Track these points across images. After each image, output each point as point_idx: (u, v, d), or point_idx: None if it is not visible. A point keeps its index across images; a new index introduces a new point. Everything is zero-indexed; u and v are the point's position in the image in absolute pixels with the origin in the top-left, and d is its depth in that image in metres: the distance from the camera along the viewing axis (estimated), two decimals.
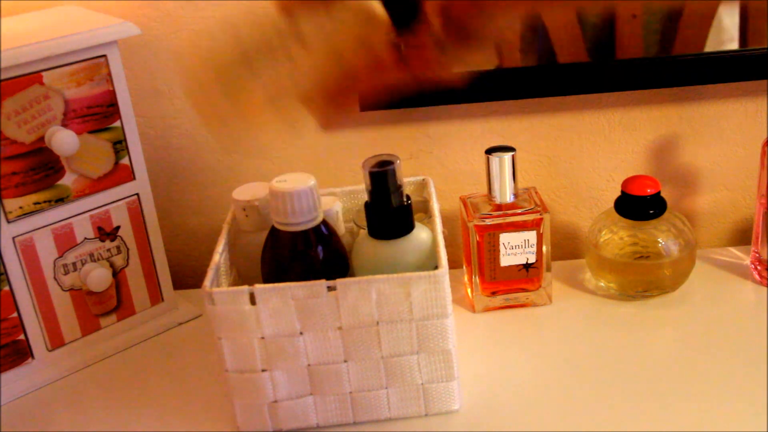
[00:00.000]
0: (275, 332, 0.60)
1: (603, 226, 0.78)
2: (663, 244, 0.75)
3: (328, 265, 0.62)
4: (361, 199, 0.74)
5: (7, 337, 0.70)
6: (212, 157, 0.86)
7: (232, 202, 0.69)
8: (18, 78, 0.65)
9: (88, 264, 0.73)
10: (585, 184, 0.87)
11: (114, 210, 0.74)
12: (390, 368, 0.62)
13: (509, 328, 0.75)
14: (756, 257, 0.79)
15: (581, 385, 0.67)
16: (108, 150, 0.72)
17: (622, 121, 0.84)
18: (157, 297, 0.79)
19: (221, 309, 0.60)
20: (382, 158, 0.62)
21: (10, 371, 0.71)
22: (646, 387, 0.66)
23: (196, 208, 0.88)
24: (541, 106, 0.83)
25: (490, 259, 0.75)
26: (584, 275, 0.82)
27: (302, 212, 0.60)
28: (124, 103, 0.72)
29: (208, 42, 0.78)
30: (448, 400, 0.64)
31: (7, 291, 0.69)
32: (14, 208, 0.68)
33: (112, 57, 0.70)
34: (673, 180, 0.86)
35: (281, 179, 0.61)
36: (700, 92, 0.82)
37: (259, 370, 0.62)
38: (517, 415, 0.64)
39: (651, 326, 0.74)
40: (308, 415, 0.64)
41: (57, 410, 0.70)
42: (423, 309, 0.60)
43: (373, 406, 0.64)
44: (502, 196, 0.75)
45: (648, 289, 0.77)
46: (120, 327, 0.77)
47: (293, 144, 0.85)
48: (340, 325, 0.60)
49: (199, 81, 0.51)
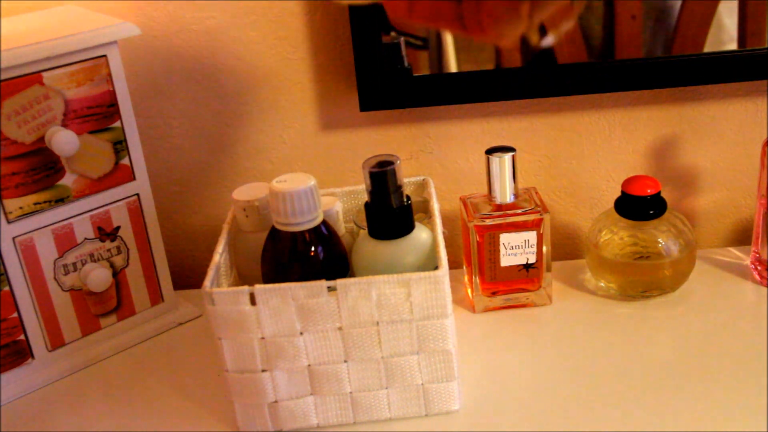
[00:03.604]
0: (275, 332, 0.60)
1: (603, 226, 0.78)
2: (663, 245, 0.75)
3: (328, 265, 0.62)
4: (361, 199, 0.74)
5: (7, 337, 0.70)
6: (212, 157, 0.86)
7: (232, 202, 0.69)
8: (18, 78, 0.65)
9: (88, 264, 0.73)
10: (585, 184, 0.87)
11: (114, 210, 0.74)
12: (390, 368, 0.62)
13: (509, 329, 0.75)
14: (756, 257, 0.79)
15: (581, 385, 0.67)
16: (108, 150, 0.72)
17: (622, 121, 0.84)
18: (157, 297, 0.79)
19: (221, 309, 0.60)
20: (382, 158, 0.62)
21: (10, 371, 0.71)
22: (646, 387, 0.66)
23: (196, 208, 0.88)
24: (541, 106, 0.83)
25: (490, 259, 0.75)
26: (584, 275, 0.82)
27: (302, 212, 0.60)
28: (124, 103, 0.72)
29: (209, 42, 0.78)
30: (448, 400, 0.64)
31: (7, 291, 0.69)
32: (14, 209, 0.68)
33: (112, 57, 0.70)
34: (673, 180, 0.86)
35: (281, 179, 0.61)
36: (700, 92, 0.82)
37: (259, 370, 0.62)
38: (517, 415, 0.64)
39: (651, 326, 0.74)
40: (308, 415, 0.64)
41: (57, 410, 0.70)
42: (423, 309, 0.60)
43: (373, 406, 0.64)
44: (502, 196, 0.75)
45: (648, 290, 0.77)
46: (120, 327, 0.77)
47: (293, 144, 0.85)
48: (340, 325, 0.60)
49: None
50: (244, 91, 0.82)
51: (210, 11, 0.79)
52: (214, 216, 0.88)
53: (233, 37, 0.80)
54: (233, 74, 0.82)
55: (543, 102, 0.83)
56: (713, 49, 0.78)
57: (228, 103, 0.83)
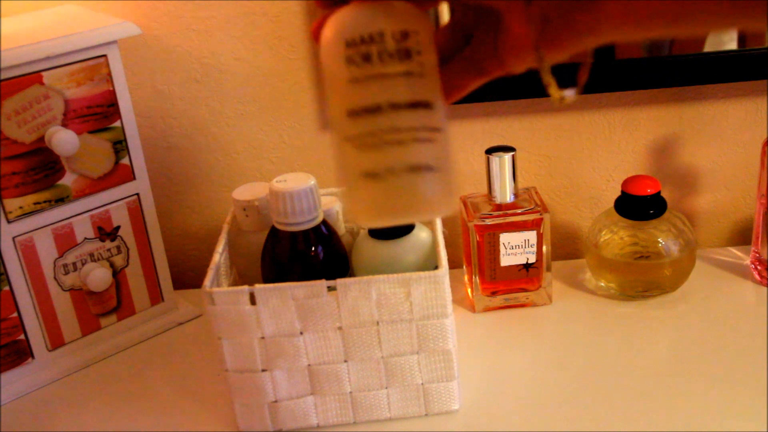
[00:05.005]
0: (275, 332, 0.60)
1: (603, 226, 0.78)
2: (663, 244, 0.75)
3: (328, 265, 0.62)
4: None
5: (7, 337, 0.70)
6: (212, 157, 0.86)
7: (232, 202, 0.69)
8: (18, 78, 0.65)
9: (88, 264, 0.73)
10: (585, 184, 0.87)
11: (114, 210, 0.74)
12: (390, 368, 0.62)
13: (509, 328, 0.75)
14: (756, 257, 0.79)
15: (581, 385, 0.67)
16: (108, 150, 0.72)
17: (622, 121, 0.84)
18: (157, 297, 0.79)
19: (221, 309, 0.60)
20: None
21: (10, 371, 0.71)
22: (646, 387, 0.66)
23: (196, 208, 0.88)
24: (541, 106, 0.83)
25: (490, 259, 0.75)
26: (584, 275, 0.81)
27: (302, 212, 0.60)
28: (124, 103, 0.72)
29: (209, 42, 0.78)
30: (448, 400, 0.64)
31: (7, 291, 0.69)
32: (14, 208, 0.68)
33: (112, 57, 0.70)
34: (673, 180, 0.86)
35: (281, 179, 0.61)
36: (700, 92, 0.82)
37: (259, 369, 0.62)
38: (517, 415, 0.64)
39: (651, 326, 0.74)
40: (308, 415, 0.64)
41: (57, 410, 0.70)
42: (423, 309, 0.60)
43: (373, 406, 0.64)
44: (502, 196, 0.75)
45: (648, 289, 0.77)
46: (120, 327, 0.77)
47: (293, 144, 0.85)
48: (340, 325, 0.60)
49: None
50: (244, 91, 0.82)
51: (210, 11, 0.79)
52: (214, 216, 0.88)
53: (233, 37, 0.80)
54: (233, 74, 0.82)
55: (543, 102, 0.83)
56: (713, 49, 0.78)
57: (228, 103, 0.83)
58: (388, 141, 0.38)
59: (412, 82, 0.38)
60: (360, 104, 0.38)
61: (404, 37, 0.38)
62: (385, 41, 0.38)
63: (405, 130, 0.38)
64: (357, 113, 0.38)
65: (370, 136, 0.38)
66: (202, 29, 0.80)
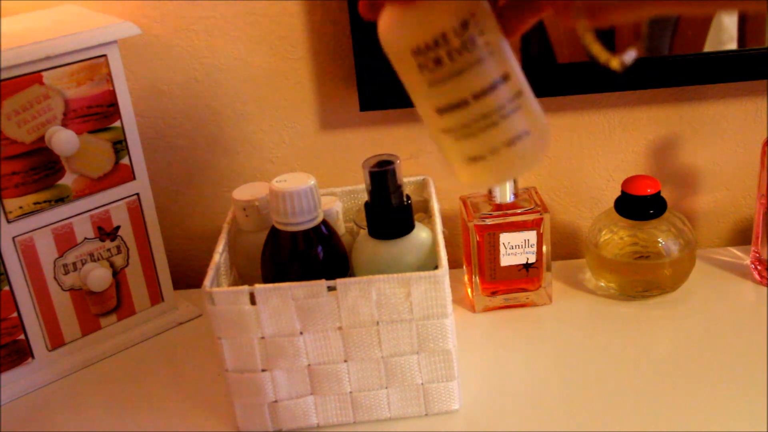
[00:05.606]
0: (275, 332, 0.60)
1: (603, 226, 0.78)
2: (663, 244, 0.75)
3: (328, 265, 0.62)
4: (361, 199, 0.74)
5: (7, 337, 0.70)
6: (212, 157, 0.86)
7: (232, 202, 0.69)
8: (18, 78, 0.65)
9: (88, 264, 0.73)
10: (585, 184, 0.87)
11: (114, 210, 0.74)
12: (390, 368, 0.62)
13: (509, 328, 0.75)
14: (756, 257, 0.79)
15: (581, 385, 0.67)
16: (108, 150, 0.72)
17: (622, 121, 0.84)
18: (157, 297, 0.79)
19: (221, 309, 0.60)
20: (382, 158, 0.62)
21: (10, 371, 0.71)
22: (646, 387, 0.66)
23: (196, 208, 0.88)
24: (541, 106, 0.83)
25: (490, 259, 0.75)
26: (584, 275, 0.81)
27: (302, 212, 0.60)
28: (124, 103, 0.72)
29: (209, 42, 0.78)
30: (448, 400, 0.64)
31: (7, 291, 0.69)
32: (14, 208, 0.68)
33: (112, 57, 0.70)
34: (673, 180, 0.86)
35: (281, 179, 0.61)
36: (700, 92, 0.82)
37: (259, 369, 0.62)
38: (517, 415, 0.64)
39: (651, 326, 0.74)
40: (308, 415, 0.64)
41: (57, 410, 0.70)
42: (423, 309, 0.60)
43: (373, 406, 0.64)
44: (502, 196, 0.75)
45: (648, 289, 0.77)
46: (120, 327, 0.77)
47: (293, 144, 0.85)
48: (340, 325, 0.60)
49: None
50: (244, 91, 0.82)
51: (210, 11, 0.79)
52: (214, 216, 0.88)
53: (233, 37, 0.80)
54: (233, 74, 0.82)
55: (543, 102, 0.82)
56: (713, 49, 0.78)
57: (228, 103, 0.83)
58: (482, 127, 0.40)
59: (486, 65, 0.39)
60: (445, 102, 0.40)
61: (465, 28, 0.39)
62: (449, 40, 0.39)
63: (494, 112, 0.40)
64: (445, 110, 0.40)
65: (464, 127, 0.40)
66: (202, 29, 0.80)
